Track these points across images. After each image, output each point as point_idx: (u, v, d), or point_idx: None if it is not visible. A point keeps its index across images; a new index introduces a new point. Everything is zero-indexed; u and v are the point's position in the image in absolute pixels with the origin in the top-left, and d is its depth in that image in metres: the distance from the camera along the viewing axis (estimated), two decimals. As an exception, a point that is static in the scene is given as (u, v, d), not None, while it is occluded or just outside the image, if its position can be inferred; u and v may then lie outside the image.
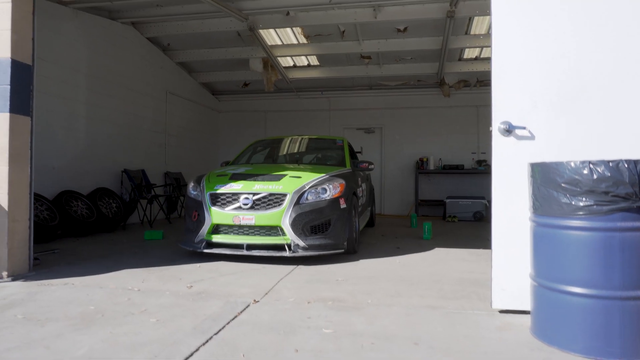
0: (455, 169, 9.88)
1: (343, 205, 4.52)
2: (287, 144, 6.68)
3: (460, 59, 9.05)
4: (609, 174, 2.01)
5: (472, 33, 7.86)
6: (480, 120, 10.11)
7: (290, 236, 4.23)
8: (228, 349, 2.22)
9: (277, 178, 4.53)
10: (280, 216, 4.25)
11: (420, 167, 10.11)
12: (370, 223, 7.33)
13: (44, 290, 3.30)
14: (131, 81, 8.06)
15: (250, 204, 4.31)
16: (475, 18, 7.28)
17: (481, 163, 9.85)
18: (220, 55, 9.08)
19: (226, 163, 6.03)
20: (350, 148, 6.54)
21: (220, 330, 2.49)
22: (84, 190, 6.78)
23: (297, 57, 9.30)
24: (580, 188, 2.08)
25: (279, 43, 8.59)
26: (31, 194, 3.91)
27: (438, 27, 7.54)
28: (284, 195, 4.31)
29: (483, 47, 8.30)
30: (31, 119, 3.87)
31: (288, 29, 7.96)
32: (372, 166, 5.83)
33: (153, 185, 8.03)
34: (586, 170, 2.05)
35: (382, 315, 2.79)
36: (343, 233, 4.50)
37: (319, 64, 9.62)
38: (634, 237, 2.03)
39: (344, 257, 4.61)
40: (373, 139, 10.92)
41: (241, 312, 2.80)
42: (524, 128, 2.68)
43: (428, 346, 2.28)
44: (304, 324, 2.60)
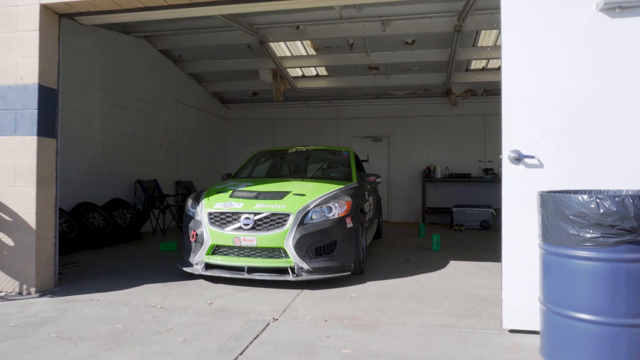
0: (463, 178, 9.97)
1: (349, 224, 4.32)
2: (291, 155, 6.46)
3: (467, 70, 9.16)
4: (615, 209, 2.13)
5: (480, 45, 7.96)
6: (487, 129, 10.21)
7: (293, 258, 4.03)
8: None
9: (280, 196, 4.33)
10: (283, 238, 4.04)
11: (428, 176, 10.22)
12: (377, 235, 7.15)
13: (71, 307, 3.45)
14: (144, 93, 8.24)
15: (251, 225, 4.09)
16: (483, 31, 7.39)
17: (488, 171, 9.94)
18: (230, 66, 9.24)
19: (228, 175, 5.86)
20: (356, 159, 6.33)
21: (244, 350, 2.63)
22: (99, 201, 6.95)
23: (306, 68, 9.44)
24: (587, 221, 2.21)
25: (289, 55, 8.73)
26: (56, 212, 4.07)
27: (446, 40, 7.66)
28: (287, 215, 4.10)
29: (490, 59, 8.41)
30: (56, 141, 4.04)
31: (298, 42, 8.10)
32: (380, 179, 5.69)
33: (165, 196, 8.19)
34: (593, 205, 2.18)
35: (397, 335, 2.91)
36: (350, 254, 4.31)
37: (327, 74, 9.77)
38: (639, 268, 2.15)
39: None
40: (380, 147, 11.04)
41: (262, 331, 2.94)
42: (533, 157, 2.80)
43: (442, 367, 2.41)
44: (323, 344, 2.73)
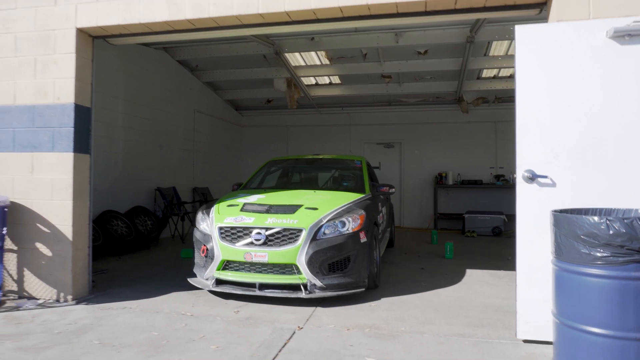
0: (474, 184, 10.09)
1: (363, 239, 4.19)
2: (302, 165, 6.33)
3: (478, 78, 9.29)
4: (624, 230, 2.29)
5: (491, 54, 8.09)
6: (498, 136, 10.32)
7: (306, 275, 3.92)
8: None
9: (292, 210, 4.22)
10: (296, 253, 3.93)
11: (439, 182, 10.35)
12: (390, 244, 7.07)
13: (107, 315, 3.67)
14: (162, 102, 8.49)
15: (262, 240, 3.99)
16: (494, 41, 7.52)
17: (499, 178, 10.05)
18: (246, 75, 9.47)
19: (238, 185, 5.71)
20: (369, 168, 6.17)
21: (274, 357, 2.81)
22: (122, 209, 7.19)
23: (320, 77, 9.63)
24: (598, 241, 2.36)
25: (303, 64, 8.93)
26: (90, 223, 4.31)
27: (458, 50, 7.81)
28: (300, 230, 3.99)
29: (501, 68, 8.53)
30: (90, 156, 4.27)
31: (312, 52, 8.29)
32: (393, 190, 5.48)
33: (184, 203, 8.43)
34: (603, 226, 2.33)
35: (417, 344, 3.08)
36: (363, 269, 4.18)
37: (340, 82, 9.95)
38: (647, 285, 2.30)
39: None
40: (392, 154, 11.20)
41: (289, 340, 3.13)
42: (546, 177, 2.96)
43: (461, 376, 2.58)
44: (347, 352, 2.91)
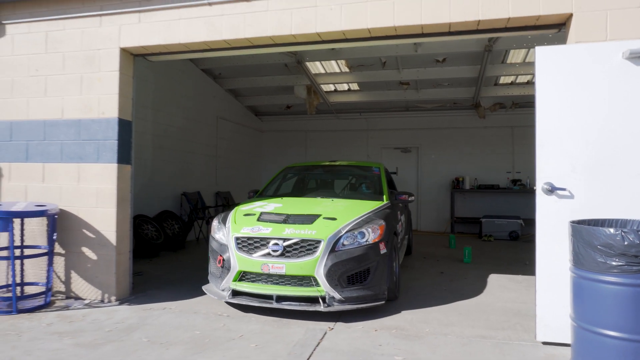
0: (491, 188, 10.21)
1: (383, 249, 4.09)
2: (319, 171, 6.21)
3: (496, 84, 9.42)
4: (638, 241, 2.47)
5: (509, 62, 8.23)
6: (515, 141, 10.42)
7: (324, 287, 3.83)
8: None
9: (310, 220, 4.14)
10: (314, 265, 3.83)
11: (456, 186, 10.49)
12: (408, 251, 6.94)
13: (150, 315, 3.95)
14: (188, 111, 8.82)
15: (280, 251, 3.90)
16: (512, 49, 7.67)
17: (516, 182, 10.15)
18: (267, 82, 9.75)
19: (254, 192, 5.63)
20: (387, 175, 6.06)
21: (310, 356, 3.05)
22: (151, 213, 7.52)
23: (339, 84, 9.87)
24: (613, 251, 2.55)
25: (323, 72, 9.18)
26: (131, 229, 4.60)
27: (476, 58, 7.97)
28: (318, 241, 3.90)
29: (519, 75, 8.66)
30: (131, 167, 4.57)
31: (333, 61, 8.53)
32: (412, 198, 5.34)
33: (208, 207, 8.74)
34: (619, 237, 2.52)
35: (441, 344, 3.29)
36: (383, 281, 4.07)
37: (359, 89, 10.17)
38: (659, 292, 2.48)
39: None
40: (410, 158, 11.37)
41: (322, 339, 3.37)
42: (564, 189, 3.15)
43: (485, 375, 2.78)
44: (377, 352, 3.14)
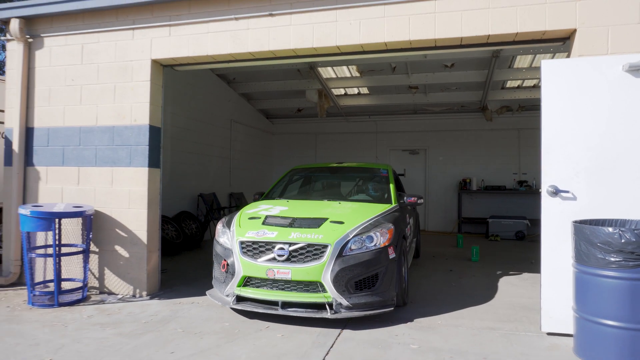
0: (498, 190, 10.45)
1: (392, 254, 3.95)
2: (326, 173, 6.06)
3: (503, 88, 9.66)
4: (634, 239, 2.74)
5: (516, 67, 8.47)
6: (521, 143, 10.65)
7: (331, 293, 3.69)
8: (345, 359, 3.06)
9: (317, 224, 4.02)
10: (321, 271, 3.70)
11: (464, 187, 10.73)
12: (416, 254, 6.85)
13: (181, 309, 4.25)
14: (203, 114, 9.13)
15: (286, 256, 3.78)
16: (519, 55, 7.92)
17: (522, 184, 10.38)
18: (280, 87, 10.05)
19: (260, 194, 5.47)
20: (395, 177, 5.86)
21: (333, 344, 3.34)
22: (170, 214, 7.84)
23: (349, 88, 10.15)
24: (612, 248, 2.81)
25: (334, 76, 9.46)
26: (159, 229, 4.90)
27: (483, 63, 8.22)
28: (325, 246, 3.77)
29: (525, 79, 8.90)
30: (160, 170, 4.87)
31: (344, 67, 8.81)
32: (421, 200, 5.11)
33: (223, 208, 9.05)
34: (616, 236, 2.78)
35: (453, 335, 3.57)
36: (392, 287, 3.93)
37: (368, 92, 10.44)
38: (653, 285, 2.74)
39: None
40: (418, 160, 11.63)
41: (343, 329, 3.65)
42: (568, 191, 3.41)
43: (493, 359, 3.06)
44: (394, 340, 3.42)
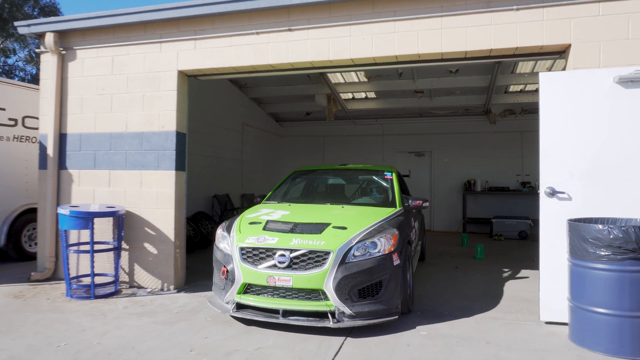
0: (501, 191, 10.76)
1: (396, 261, 3.84)
2: (329, 175, 5.94)
3: (506, 92, 9.98)
4: (621, 235, 3.07)
5: (518, 72, 8.79)
6: (524, 145, 10.96)
7: (334, 302, 3.61)
8: (361, 345, 3.41)
9: (319, 229, 3.92)
10: (323, 278, 3.61)
11: (468, 188, 11.05)
12: (421, 257, 6.81)
13: (206, 301, 4.60)
14: (217, 119, 9.51)
15: (287, 263, 3.69)
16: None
17: (525, 185, 10.70)
18: (290, 91, 10.41)
19: (262, 197, 5.36)
20: (400, 179, 5.69)
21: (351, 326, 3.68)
22: (187, 214, 8.17)
23: (357, 92, 10.50)
24: (602, 243, 3.15)
25: (342, 82, 9.82)
26: (184, 227, 5.26)
27: (487, 69, 8.55)
28: (327, 253, 3.68)
29: (527, 84, 9.22)
30: (185, 173, 5.24)
31: (352, 72, 9.16)
32: (427, 204, 4.92)
33: (237, 208, 9.42)
34: (606, 232, 3.12)
35: (459, 323, 3.91)
36: (397, 295, 3.81)
37: (375, 97, 10.79)
38: (639, 277, 3.07)
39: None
40: (423, 162, 11.96)
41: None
42: (564, 192, 3.74)
43: (496, 344, 3.40)
44: (405, 327, 3.76)
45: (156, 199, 5.06)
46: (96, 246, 5.02)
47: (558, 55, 4.21)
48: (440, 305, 4.47)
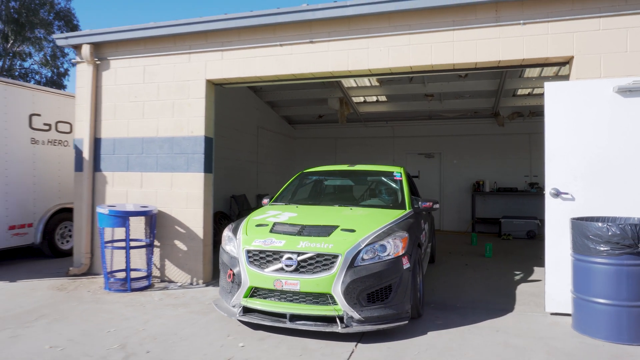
0: (510, 191, 11.03)
1: (406, 264, 3.75)
2: (337, 177, 5.88)
3: (514, 95, 10.26)
4: (619, 232, 3.38)
5: (526, 76, 9.08)
6: (532, 147, 11.22)
7: (342, 306, 3.54)
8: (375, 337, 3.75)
9: (326, 232, 3.84)
10: (331, 282, 3.55)
11: (477, 189, 11.33)
12: (431, 259, 6.60)
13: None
14: (233, 122, 9.88)
15: (294, 266, 3.63)
16: (528, 66, 8.52)
17: (533, 185, 10.96)
18: (303, 95, 10.77)
19: (269, 198, 5.27)
20: (409, 180, 5.57)
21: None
22: (207, 213, 8.59)
23: (368, 96, 10.83)
24: (601, 239, 3.46)
25: (355, 86, 10.16)
26: (212, 226, 5.63)
27: (495, 73, 8.83)
28: (335, 256, 3.61)
29: (535, 87, 9.49)
30: (212, 175, 5.60)
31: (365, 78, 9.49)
32: (437, 205, 4.80)
33: (253, 208, 9.78)
34: (605, 229, 3.43)
35: (470, 314, 4.23)
36: (406, 299, 3.73)
37: (386, 100, 11.11)
38: (635, 270, 3.39)
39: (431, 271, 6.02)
40: (433, 163, 12.26)
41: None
42: (567, 193, 4.06)
43: (504, 332, 3.73)
44: (421, 318, 4.09)
45: (186, 199, 5.43)
46: (131, 243, 5.42)
47: (562, 65, 4.52)
48: (453, 298, 4.79)
